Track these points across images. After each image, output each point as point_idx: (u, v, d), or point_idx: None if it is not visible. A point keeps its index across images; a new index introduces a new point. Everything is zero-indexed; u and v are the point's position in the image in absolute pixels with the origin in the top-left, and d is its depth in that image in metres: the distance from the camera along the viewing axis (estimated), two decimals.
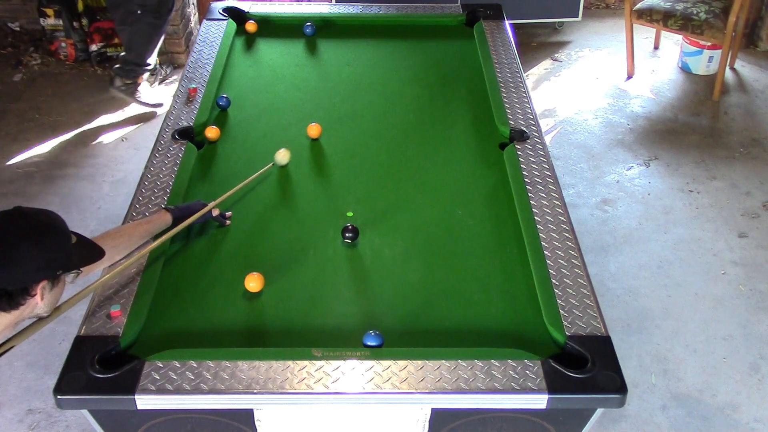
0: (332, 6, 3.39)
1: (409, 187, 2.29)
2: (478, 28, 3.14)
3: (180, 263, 1.96)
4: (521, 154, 2.33)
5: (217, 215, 2.06)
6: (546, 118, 4.11)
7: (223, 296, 1.87)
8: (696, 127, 4.08)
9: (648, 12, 4.33)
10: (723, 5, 4.23)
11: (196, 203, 2.05)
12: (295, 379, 1.58)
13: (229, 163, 2.38)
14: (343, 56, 3.03)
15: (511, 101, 2.62)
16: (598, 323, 1.73)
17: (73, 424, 2.46)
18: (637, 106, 4.25)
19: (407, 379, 1.58)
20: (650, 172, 3.71)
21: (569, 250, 1.96)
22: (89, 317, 1.73)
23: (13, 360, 2.67)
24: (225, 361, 1.61)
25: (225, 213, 2.10)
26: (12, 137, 3.89)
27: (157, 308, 1.80)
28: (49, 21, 4.46)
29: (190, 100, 2.59)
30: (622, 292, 3.00)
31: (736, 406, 2.55)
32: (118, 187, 3.53)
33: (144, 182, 2.20)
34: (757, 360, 2.72)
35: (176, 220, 1.96)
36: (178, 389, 1.55)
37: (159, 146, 2.36)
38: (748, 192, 3.57)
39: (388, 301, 1.86)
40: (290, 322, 1.81)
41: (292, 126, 2.57)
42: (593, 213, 3.43)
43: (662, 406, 2.54)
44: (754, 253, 3.20)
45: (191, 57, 2.89)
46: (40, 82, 4.40)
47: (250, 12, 3.22)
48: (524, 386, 1.57)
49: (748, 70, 4.62)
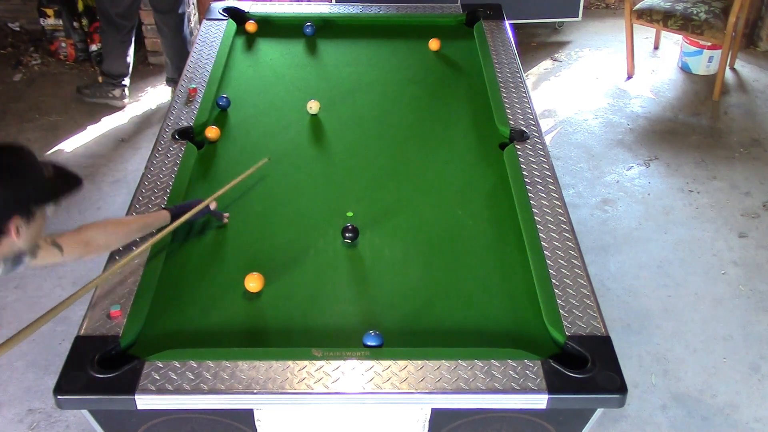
0: (332, 6, 3.39)
1: (409, 187, 2.29)
2: (478, 28, 3.14)
3: (180, 263, 1.96)
4: (521, 154, 2.33)
5: (214, 209, 2.06)
6: (546, 118, 4.11)
7: (223, 296, 1.87)
8: (696, 127, 4.08)
9: (648, 12, 4.33)
10: (723, 5, 4.23)
11: (194, 201, 2.06)
12: (295, 379, 1.58)
13: (229, 163, 2.38)
14: (343, 56, 3.03)
15: (511, 101, 2.62)
16: (598, 323, 1.73)
17: (73, 424, 2.46)
18: (637, 106, 4.25)
19: (407, 379, 1.58)
20: (650, 172, 3.71)
21: (569, 250, 1.96)
22: (89, 317, 1.73)
23: (13, 360, 2.67)
24: (225, 361, 1.61)
25: (222, 213, 2.11)
26: (12, 137, 3.89)
27: (157, 308, 1.80)
28: (49, 21, 4.46)
29: (190, 100, 2.59)
30: (622, 292, 3.00)
31: (736, 406, 2.55)
32: (118, 187, 3.53)
33: (144, 182, 2.20)
34: (757, 360, 2.72)
35: (174, 216, 1.97)
36: (178, 389, 1.55)
37: (159, 146, 2.36)
38: (748, 192, 3.57)
39: (388, 301, 1.86)
40: (290, 322, 1.81)
41: (292, 126, 2.57)
42: (593, 213, 3.43)
43: (662, 406, 2.54)
44: (754, 253, 3.20)
45: (191, 57, 2.89)
46: (40, 82, 4.40)
47: (250, 12, 3.22)
48: (524, 386, 1.57)
49: (748, 70, 4.62)
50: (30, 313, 2.86)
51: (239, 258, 1.99)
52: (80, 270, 3.04)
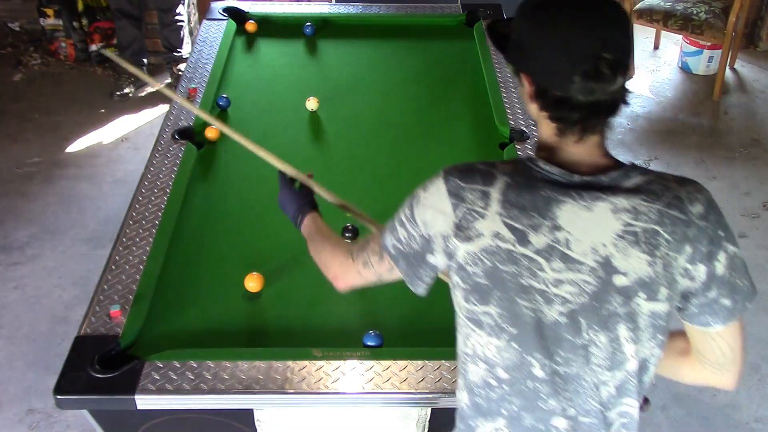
0: (332, 6, 3.39)
1: (409, 187, 2.25)
2: (478, 28, 3.14)
3: (180, 263, 1.96)
4: (521, 155, 2.33)
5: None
6: None
7: (223, 296, 1.87)
8: (696, 127, 4.08)
9: (648, 12, 4.33)
10: (723, 5, 4.23)
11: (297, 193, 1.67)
12: (295, 379, 1.58)
13: (229, 163, 2.38)
14: (343, 56, 3.03)
15: (511, 101, 2.62)
16: None
17: (73, 424, 2.46)
18: (637, 106, 4.25)
19: (407, 379, 1.58)
20: None
21: None
22: (89, 317, 1.73)
23: (13, 360, 2.67)
24: (225, 361, 1.61)
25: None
26: (12, 137, 3.89)
27: (157, 308, 1.80)
28: (49, 21, 4.46)
29: (190, 100, 2.59)
30: None
31: (736, 406, 2.55)
32: (118, 187, 3.53)
33: (144, 182, 2.20)
34: (757, 360, 2.72)
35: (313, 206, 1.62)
36: (178, 389, 1.55)
37: (159, 146, 2.36)
38: (748, 192, 3.57)
39: (388, 301, 1.85)
40: (290, 322, 1.80)
41: (292, 126, 2.57)
42: None
43: (662, 406, 2.54)
44: (754, 253, 3.20)
45: (191, 57, 2.89)
46: (40, 82, 4.40)
47: (250, 12, 3.22)
48: None
49: (748, 70, 4.62)
50: (30, 312, 2.86)
51: (239, 258, 1.99)
52: (80, 270, 3.04)
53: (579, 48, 1.07)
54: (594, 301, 1.11)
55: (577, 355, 1.13)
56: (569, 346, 1.12)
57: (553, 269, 1.10)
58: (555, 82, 1.10)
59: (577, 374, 1.14)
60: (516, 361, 1.14)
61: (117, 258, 1.90)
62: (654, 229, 1.09)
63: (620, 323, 1.12)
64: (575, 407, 1.16)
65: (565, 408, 1.16)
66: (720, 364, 1.26)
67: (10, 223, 3.30)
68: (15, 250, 3.16)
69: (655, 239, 1.10)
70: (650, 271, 1.10)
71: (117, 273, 1.86)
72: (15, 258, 3.12)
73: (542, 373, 1.14)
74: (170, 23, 4.17)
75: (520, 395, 1.16)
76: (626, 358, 1.14)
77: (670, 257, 1.10)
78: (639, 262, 1.10)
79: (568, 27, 1.08)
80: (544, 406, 1.16)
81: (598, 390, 1.15)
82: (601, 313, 1.11)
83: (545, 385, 1.14)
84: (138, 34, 4.21)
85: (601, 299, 1.11)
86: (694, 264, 1.13)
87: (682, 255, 1.11)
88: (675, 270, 1.12)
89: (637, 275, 1.10)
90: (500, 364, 1.16)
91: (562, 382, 1.14)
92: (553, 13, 1.10)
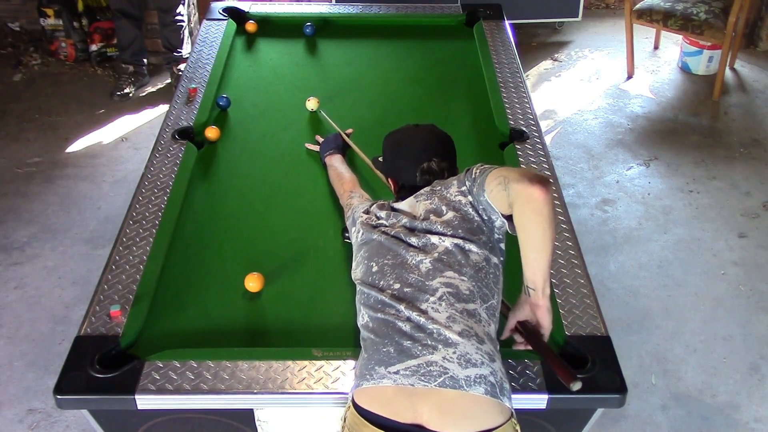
0: (332, 6, 3.39)
1: None
2: (478, 28, 3.14)
3: (180, 263, 1.96)
4: (521, 154, 2.33)
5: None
6: (546, 119, 4.11)
7: (223, 296, 1.87)
8: (696, 127, 4.08)
9: (648, 12, 4.33)
10: (723, 5, 4.23)
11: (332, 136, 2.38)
12: (295, 379, 1.58)
13: (229, 163, 2.39)
14: (343, 56, 3.04)
15: (511, 101, 2.62)
16: (598, 323, 1.73)
17: (73, 424, 2.46)
18: (637, 106, 4.25)
19: None
20: (650, 172, 3.71)
21: (569, 250, 1.96)
22: (89, 317, 1.73)
23: (13, 360, 2.67)
24: (225, 361, 1.61)
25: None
26: (12, 137, 3.89)
27: (157, 308, 1.81)
28: (49, 21, 4.46)
29: (190, 100, 2.59)
30: (622, 292, 3.00)
31: (736, 406, 2.55)
32: (118, 187, 3.53)
33: (144, 182, 2.20)
34: (757, 360, 2.72)
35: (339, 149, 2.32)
36: (178, 389, 1.56)
37: (159, 146, 2.36)
38: (748, 192, 3.58)
39: None
40: (290, 322, 1.81)
41: (292, 126, 2.57)
42: (593, 213, 3.43)
43: (662, 406, 2.54)
44: (754, 253, 3.20)
45: (191, 57, 2.89)
46: (40, 82, 4.40)
47: (250, 12, 3.22)
48: (524, 386, 1.57)
49: (748, 70, 4.63)
50: (30, 312, 2.86)
51: (239, 258, 1.99)
52: (80, 270, 3.04)
53: (417, 157, 1.80)
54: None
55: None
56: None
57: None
58: (406, 179, 1.81)
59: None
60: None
61: (117, 258, 1.90)
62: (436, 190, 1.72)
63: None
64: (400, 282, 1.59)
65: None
66: (516, 191, 1.50)
67: (10, 223, 3.30)
68: (15, 250, 3.16)
69: (434, 194, 1.69)
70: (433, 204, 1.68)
71: (117, 273, 1.86)
72: (15, 258, 3.12)
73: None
74: (170, 23, 4.17)
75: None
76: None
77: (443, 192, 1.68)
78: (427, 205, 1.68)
79: (409, 147, 1.83)
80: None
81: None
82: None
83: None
84: (138, 34, 4.21)
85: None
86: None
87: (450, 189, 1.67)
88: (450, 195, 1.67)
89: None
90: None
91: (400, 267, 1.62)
92: (399, 139, 1.87)
